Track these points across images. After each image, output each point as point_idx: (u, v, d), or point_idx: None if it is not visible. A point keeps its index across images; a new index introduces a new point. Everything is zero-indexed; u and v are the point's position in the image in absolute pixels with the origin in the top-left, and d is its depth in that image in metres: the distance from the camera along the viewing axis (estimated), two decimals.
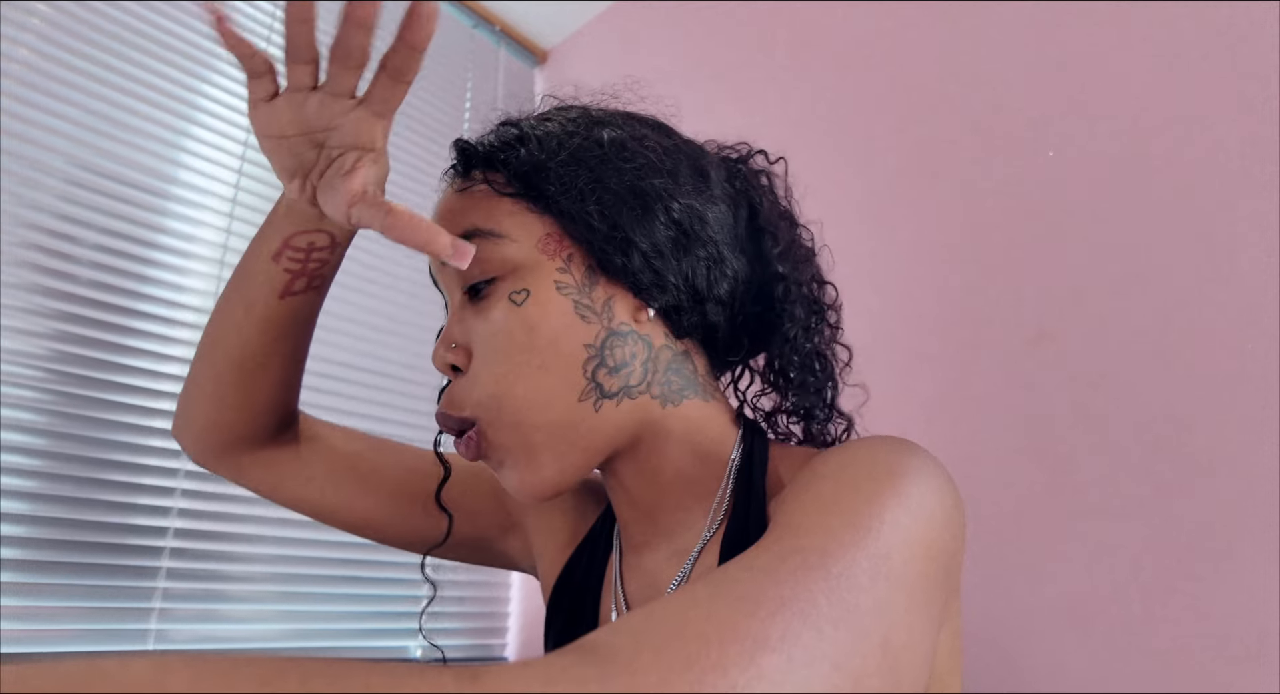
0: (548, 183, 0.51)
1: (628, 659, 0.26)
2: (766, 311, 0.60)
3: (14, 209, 0.99)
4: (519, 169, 0.52)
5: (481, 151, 0.54)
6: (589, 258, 0.52)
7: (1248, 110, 0.84)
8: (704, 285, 0.54)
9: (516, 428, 0.49)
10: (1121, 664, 0.79)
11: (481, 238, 0.51)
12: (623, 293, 0.52)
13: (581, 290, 0.51)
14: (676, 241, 0.53)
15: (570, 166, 0.52)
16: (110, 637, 0.98)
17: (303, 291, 0.59)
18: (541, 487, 0.50)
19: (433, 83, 1.63)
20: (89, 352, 1.02)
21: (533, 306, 0.50)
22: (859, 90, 1.22)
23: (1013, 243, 0.99)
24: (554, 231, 0.52)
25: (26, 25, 1.05)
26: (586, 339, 0.50)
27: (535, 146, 0.53)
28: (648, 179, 0.53)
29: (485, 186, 0.53)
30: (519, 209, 0.52)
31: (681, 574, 0.53)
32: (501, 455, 0.51)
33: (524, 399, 0.49)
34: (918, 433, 1.01)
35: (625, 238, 0.51)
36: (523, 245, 0.51)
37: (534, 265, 0.51)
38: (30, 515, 0.94)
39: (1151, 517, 0.81)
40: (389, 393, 1.37)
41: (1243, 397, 0.78)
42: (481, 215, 0.52)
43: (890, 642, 0.32)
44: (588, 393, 0.50)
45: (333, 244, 0.58)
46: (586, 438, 0.50)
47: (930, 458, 0.45)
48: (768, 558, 0.34)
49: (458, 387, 0.52)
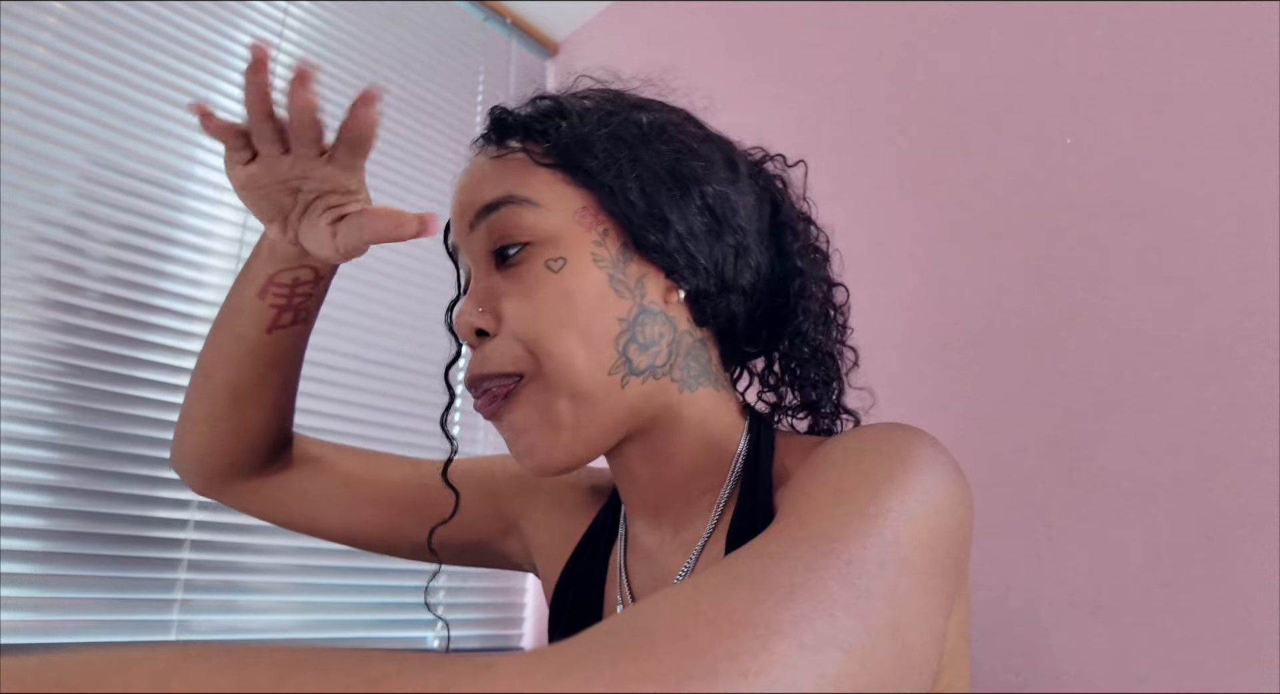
0: (589, 157, 0.52)
1: (640, 647, 0.26)
2: (782, 306, 0.61)
3: (31, 206, 1.00)
4: (559, 141, 0.53)
5: (520, 121, 0.55)
6: (624, 234, 0.52)
7: (1272, 92, 0.82)
8: (730, 273, 0.54)
9: (548, 389, 0.49)
10: (1140, 658, 0.79)
11: (517, 205, 0.51)
12: (654, 272, 0.53)
13: (616, 265, 0.52)
14: (709, 227, 0.54)
15: (612, 143, 0.52)
16: (134, 627, 0.99)
17: (289, 325, 0.61)
18: (555, 459, 0.50)
19: (444, 75, 1.63)
20: (108, 346, 1.04)
21: (570, 275, 0.50)
22: (872, 80, 1.21)
23: (1030, 233, 0.98)
24: (590, 205, 0.52)
25: (43, 24, 1.06)
26: (620, 313, 0.51)
27: (576, 120, 0.53)
28: (685, 162, 0.54)
29: (523, 155, 0.53)
30: (556, 180, 0.52)
31: (688, 564, 0.53)
32: (523, 420, 0.50)
33: (559, 364, 0.49)
34: (934, 424, 1.01)
35: (663, 217, 0.52)
36: (559, 215, 0.51)
37: (570, 236, 0.51)
38: (53, 509, 0.95)
39: (1170, 509, 0.80)
40: (392, 383, 1.37)
41: (1265, 388, 0.77)
42: (517, 182, 0.52)
43: (900, 628, 0.32)
44: (617, 367, 0.50)
45: (316, 278, 0.61)
46: (608, 414, 0.50)
47: (938, 445, 0.45)
48: (778, 545, 0.34)
49: (490, 348, 0.51)
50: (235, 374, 0.62)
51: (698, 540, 0.54)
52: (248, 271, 0.61)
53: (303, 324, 0.63)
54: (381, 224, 0.51)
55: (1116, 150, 0.92)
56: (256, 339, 0.61)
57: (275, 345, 0.62)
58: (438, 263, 1.49)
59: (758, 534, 0.41)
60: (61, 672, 0.21)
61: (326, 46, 1.42)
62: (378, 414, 1.32)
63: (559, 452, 0.50)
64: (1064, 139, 0.97)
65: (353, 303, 1.33)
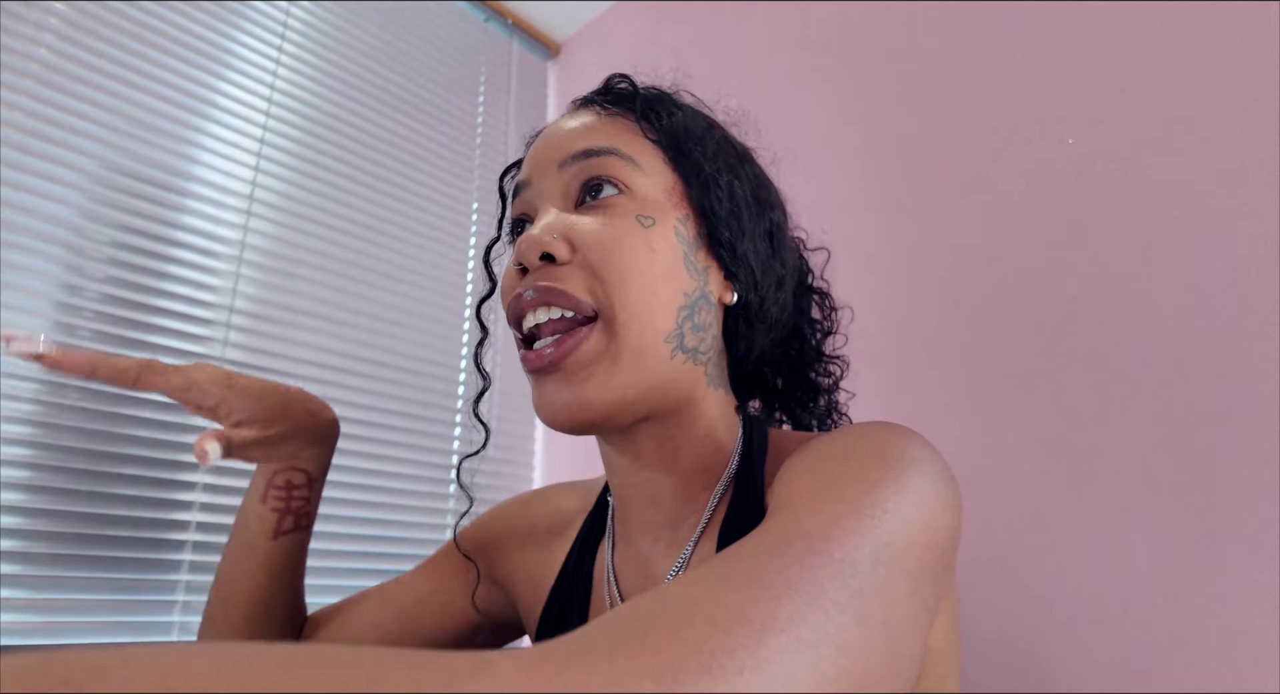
0: (696, 148, 0.55)
1: (638, 642, 0.26)
2: (793, 353, 0.66)
3: (33, 206, 1.01)
4: (670, 124, 0.55)
5: (641, 94, 0.57)
6: (702, 226, 0.54)
7: (1273, 94, 0.82)
8: (770, 300, 0.58)
9: (619, 340, 0.49)
10: (1141, 661, 0.79)
11: (622, 159, 0.53)
12: (717, 269, 0.55)
13: (691, 247, 0.53)
14: (769, 250, 0.58)
15: (716, 145, 0.57)
16: (136, 629, 0.99)
17: (291, 530, 0.66)
18: (593, 410, 0.49)
19: (446, 76, 1.63)
20: (109, 347, 1.04)
21: (656, 235, 0.51)
22: (873, 82, 1.21)
23: (1031, 235, 0.98)
24: (679, 189, 0.54)
25: (45, 25, 1.06)
26: (687, 289, 0.52)
27: (689, 115, 0.58)
28: (763, 189, 0.60)
29: (633, 123, 0.56)
30: (657, 156, 0.55)
31: (680, 561, 0.53)
32: (586, 368, 0.49)
33: (635, 309, 0.49)
34: (936, 426, 1.01)
35: (740, 222, 0.55)
36: (654, 184, 0.53)
37: (659, 205, 0.53)
38: (55, 510, 0.95)
39: (1171, 512, 0.80)
40: (396, 385, 1.38)
41: (1266, 389, 0.77)
42: (625, 141, 0.54)
43: (891, 625, 0.32)
44: (673, 336, 0.51)
45: (309, 481, 0.66)
46: (652, 377, 0.50)
47: (928, 445, 0.45)
48: (772, 541, 0.34)
49: (559, 272, 0.50)
50: (251, 587, 0.65)
51: (689, 539, 0.54)
52: (252, 482, 0.66)
53: (303, 531, 0.67)
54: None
55: (1117, 151, 0.92)
56: (266, 548, 0.64)
57: (281, 553, 0.65)
58: (437, 264, 1.49)
59: (749, 530, 0.41)
60: (64, 669, 0.21)
61: (327, 47, 1.43)
62: (377, 414, 1.32)
63: (600, 405, 0.49)
64: (1064, 139, 0.97)
65: (351, 303, 1.34)
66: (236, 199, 1.23)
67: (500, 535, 0.72)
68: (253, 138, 1.27)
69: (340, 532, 1.23)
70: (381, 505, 1.29)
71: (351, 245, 1.36)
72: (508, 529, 0.72)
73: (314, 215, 1.32)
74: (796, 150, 0.67)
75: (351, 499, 1.25)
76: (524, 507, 0.74)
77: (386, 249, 1.41)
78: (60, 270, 1.02)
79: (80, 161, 1.06)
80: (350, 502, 1.25)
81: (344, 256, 1.34)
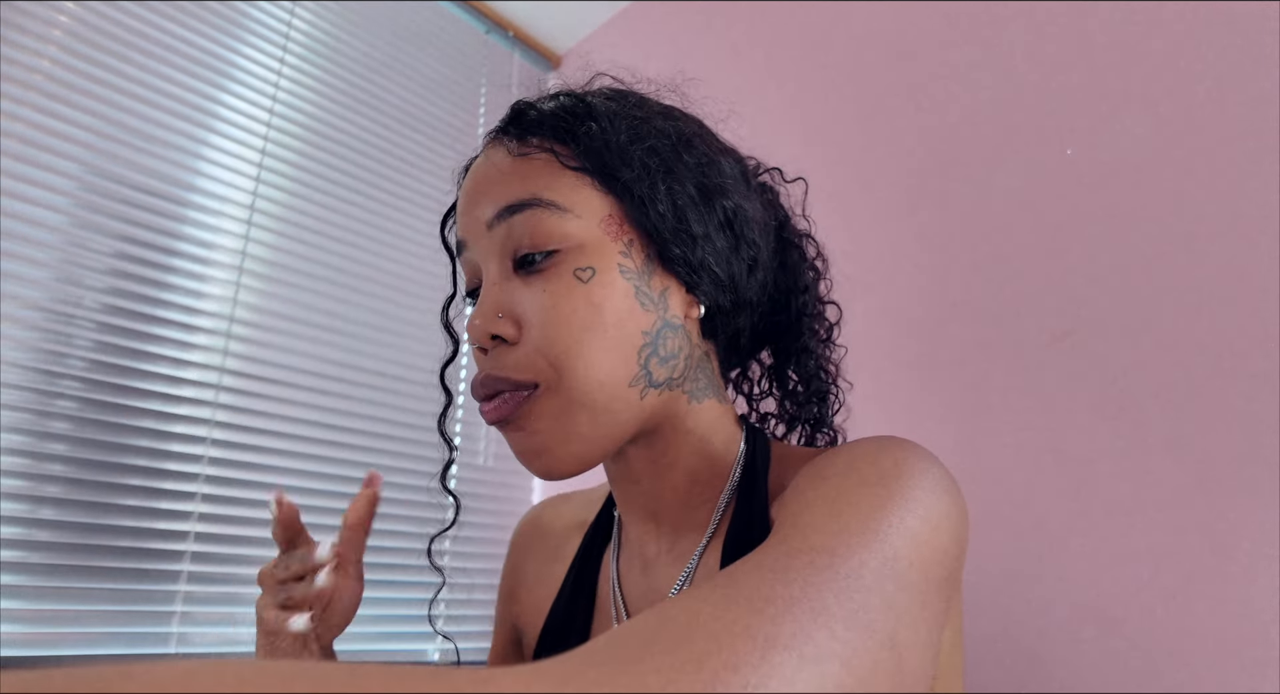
0: (621, 165, 0.50)
1: (640, 659, 0.26)
2: (782, 321, 0.62)
3: (37, 213, 1.01)
4: (589, 145, 0.50)
5: (547, 118, 0.52)
6: (649, 246, 0.51)
7: (1271, 103, 0.82)
8: (743, 288, 0.54)
9: (569, 402, 0.48)
10: (1143, 666, 0.78)
11: (543, 208, 0.49)
12: (676, 286, 0.52)
13: (641, 277, 0.50)
14: (729, 241, 0.53)
15: (645, 153, 0.51)
16: (134, 639, 0.99)
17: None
18: (565, 465, 0.49)
19: (447, 87, 1.64)
20: (109, 357, 1.04)
21: (598, 286, 0.48)
22: (873, 93, 1.22)
23: (1032, 242, 0.98)
24: (616, 213, 0.50)
25: (48, 36, 1.07)
26: (644, 326, 0.49)
27: (606, 125, 0.51)
28: (709, 175, 0.53)
29: (549, 155, 0.51)
30: (583, 185, 0.50)
31: (685, 574, 0.53)
32: (537, 425, 0.48)
33: (584, 375, 0.47)
34: (939, 434, 1.01)
35: (689, 231, 0.51)
36: (586, 222, 0.49)
37: (597, 244, 0.49)
38: (53, 521, 0.95)
39: (1172, 518, 0.80)
40: (395, 394, 1.37)
41: (1266, 395, 0.77)
42: (544, 184, 0.50)
43: (897, 641, 0.32)
44: (638, 379, 0.49)
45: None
46: (623, 425, 0.49)
47: (933, 459, 0.45)
48: (776, 557, 0.34)
49: (509, 355, 0.49)
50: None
51: (695, 549, 0.54)
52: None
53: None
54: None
55: (1117, 159, 0.93)
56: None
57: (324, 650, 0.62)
58: (437, 274, 1.49)
59: (754, 543, 0.41)
60: (65, 680, 0.21)
61: (330, 59, 1.43)
62: (375, 424, 1.32)
63: (570, 460, 0.49)
64: (1072, 143, 0.97)
65: (350, 313, 1.34)
66: (238, 209, 1.23)
67: (519, 566, 0.71)
68: (254, 148, 1.27)
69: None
70: (379, 515, 1.28)
71: (352, 255, 1.36)
72: (522, 559, 0.71)
73: (314, 225, 1.32)
74: (792, 160, 0.67)
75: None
76: (534, 525, 0.73)
77: (386, 259, 1.41)
78: (61, 279, 1.02)
79: (83, 171, 1.07)
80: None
81: (344, 267, 1.35)
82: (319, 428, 1.24)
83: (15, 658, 0.89)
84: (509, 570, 0.72)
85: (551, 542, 0.69)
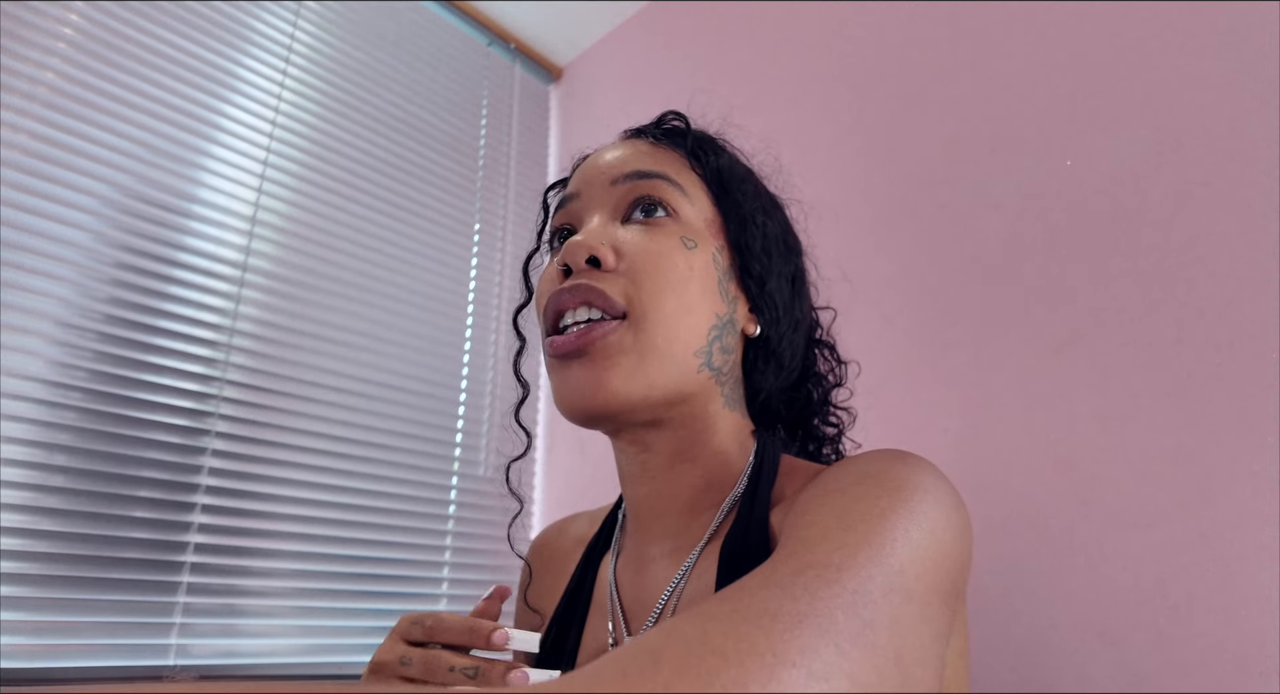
0: (737, 188, 0.59)
1: (648, 676, 0.26)
2: (799, 402, 0.68)
3: (40, 225, 1.01)
4: (717, 164, 0.59)
5: (693, 134, 0.61)
6: (735, 260, 0.58)
7: (1271, 108, 0.83)
8: (786, 341, 0.60)
9: (648, 344, 0.51)
10: (1147, 675, 0.78)
11: (672, 184, 0.56)
12: (744, 300, 0.58)
13: (725, 275, 0.56)
14: (791, 293, 0.61)
15: (752, 191, 0.61)
16: (133, 651, 0.98)
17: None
18: (618, 401, 0.51)
19: (449, 99, 1.64)
20: (111, 367, 1.04)
21: (697, 258, 0.54)
22: (874, 104, 1.22)
23: (1035, 252, 0.98)
24: (718, 222, 0.58)
25: (51, 49, 1.07)
26: (719, 311, 0.55)
27: (729, 160, 0.61)
28: (791, 237, 0.64)
29: (682, 154, 0.59)
30: (701, 189, 0.58)
31: (681, 573, 0.53)
32: (613, 359, 0.50)
33: (666, 321, 0.51)
34: (939, 443, 1.01)
35: (770, 261, 0.59)
36: (697, 212, 0.57)
37: (700, 232, 0.56)
38: (53, 532, 0.95)
39: (1176, 526, 0.80)
40: (396, 405, 1.37)
41: (1267, 402, 0.77)
42: (675, 170, 0.58)
43: (904, 656, 0.32)
44: (701, 352, 0.53)
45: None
46: (676, 385, 0.52)
47: (939, 473, 0.45)
48: (783, 573, 0.34)
49: (602, 279, 0.52)
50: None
51: (691, 553, 0.54)
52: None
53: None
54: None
55: (1116, 163, 0.93)
56: None
57: None
58: (438, 285, 1.50)
59: (750, 549, 0.41)
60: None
61: (332, 70, 1.44)
62: (377, 435, 1.32)
63: (624, 399, 0.51)
64: (1071, 153, 0.98)
65: (351, 324, 1.34)
66: (239, 221, 1.23)
67: (540, 578, 0.72)
68: (257, 159, 1.28)
69: (340, 553, 1.22)
70: (381, 526, 1.28)
71: (353, 267, 1.36)
72: (539, 573, 0.72)
73: (316, 237, 1.33)
74: (799, 168, 0.68)
75: (351, 520, 1.24)
76: (548, 542, 0.74)
77: (388, 271, 1.41)
78: (64, 291, 1.02)
79: (85, 183, 1.07)
80: (350, 523, 1.24)
81: (345, 278, 1.35)
82: (319, 438, 1.24)
83: (15, 670, 0.88)
84: (529, 581, 0.73)
85: (559, 556, 0.71)
